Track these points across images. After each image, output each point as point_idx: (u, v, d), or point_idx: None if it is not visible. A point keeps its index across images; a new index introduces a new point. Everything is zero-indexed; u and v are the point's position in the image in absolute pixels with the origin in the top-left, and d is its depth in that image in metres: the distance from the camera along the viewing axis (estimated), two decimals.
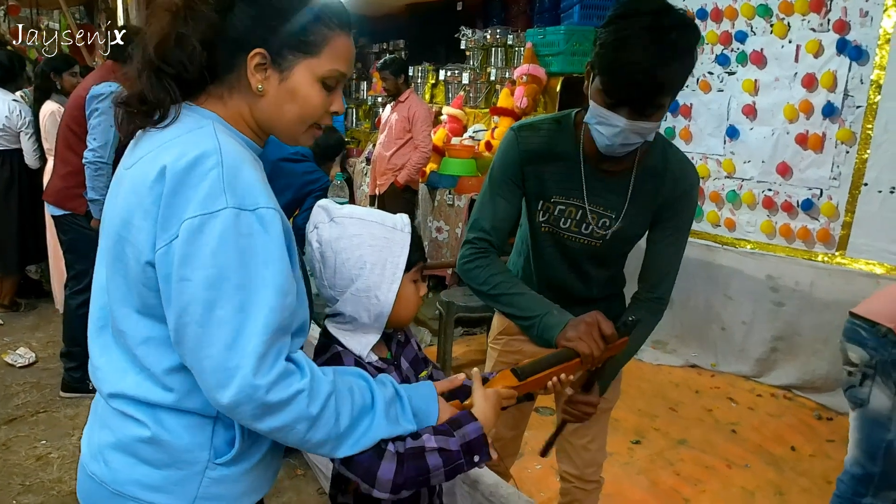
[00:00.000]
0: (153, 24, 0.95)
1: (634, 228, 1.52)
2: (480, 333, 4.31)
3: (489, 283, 1.50)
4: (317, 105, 1.00)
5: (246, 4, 0.95)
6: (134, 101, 0.96)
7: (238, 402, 0.85)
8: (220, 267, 0.84)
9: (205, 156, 0.87)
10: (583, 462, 1.74)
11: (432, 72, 6.11)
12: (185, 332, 0.86)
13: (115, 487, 0.96)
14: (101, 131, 2.95)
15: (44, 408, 3.19)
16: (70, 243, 3.22)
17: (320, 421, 0.90)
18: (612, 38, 1.27)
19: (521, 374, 1.17)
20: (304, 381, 0.89)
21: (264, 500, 1.11)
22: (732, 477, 2.78)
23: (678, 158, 1.51)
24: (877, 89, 3.22)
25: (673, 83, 1.27)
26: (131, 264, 0.91)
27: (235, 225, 0.85)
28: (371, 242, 1.07)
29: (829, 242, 3.47)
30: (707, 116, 3.97)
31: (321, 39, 0.97)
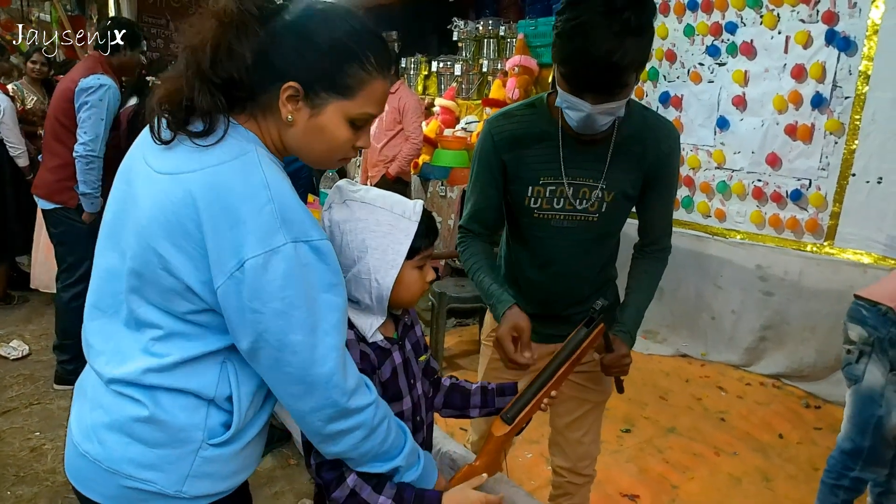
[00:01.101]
0: (201, 31, 0.94)
1: (626, 194, 1.54)
2: (472, 324, 4.34)
3: (467, 266, 1.62)
4: (343, 143, 1.02)
5: (291, 34, 0.95)
6: (178, 109, 0.94)
7: (321, 406, 0.95)
8: (288, 299, 0.89)
9: (256, 191, 0.90)
10: (576, 456, 1.75)
11: (424, 63, 6.10)
12: (260, 354, 0.93)
13: (109, 465, 0.98)
14: (91, 125, 2.93)
15: (37, 400, 3.20)
16: (61, 236, 3.21)
17: (375, 433, 1.02)
18: (567, 26, 1.28)
19: (510, 419, 1.28)
20: (374, 395, 1.02)
21: (251, 488, 1.14)
22: (720, 464, 2.82)
23: (656, 120, 1.53)
24: (865, 80, 3.24)
25: (633, 63, 1.28)
26: (165, 280, 0.93)
27: (296, 258, 0.90)
28: (374, 228, 1.10)
29: (818, 232, 3.50)
30: (697, 107, 3.99)
31: (358, 83, 0.98)
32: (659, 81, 4.21)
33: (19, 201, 4.12)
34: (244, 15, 0.93)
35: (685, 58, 4.04)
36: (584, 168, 1.49)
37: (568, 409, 1.73)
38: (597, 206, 1.52)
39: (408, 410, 1.20)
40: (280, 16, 0.96)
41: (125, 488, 0.98)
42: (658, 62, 4.19)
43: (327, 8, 0.99)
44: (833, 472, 2.15)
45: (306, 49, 0.95)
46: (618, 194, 1.52)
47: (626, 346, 1.54)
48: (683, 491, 2.61)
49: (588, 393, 1.71)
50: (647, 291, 1.64)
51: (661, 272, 1.68)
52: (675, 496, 2.58)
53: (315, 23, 0.96)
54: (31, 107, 4.59)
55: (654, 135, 1.50)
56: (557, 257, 1.59)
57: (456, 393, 1.37)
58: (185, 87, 0.94)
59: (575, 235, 1.55)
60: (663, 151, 1.51)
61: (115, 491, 0.99)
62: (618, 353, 1.51)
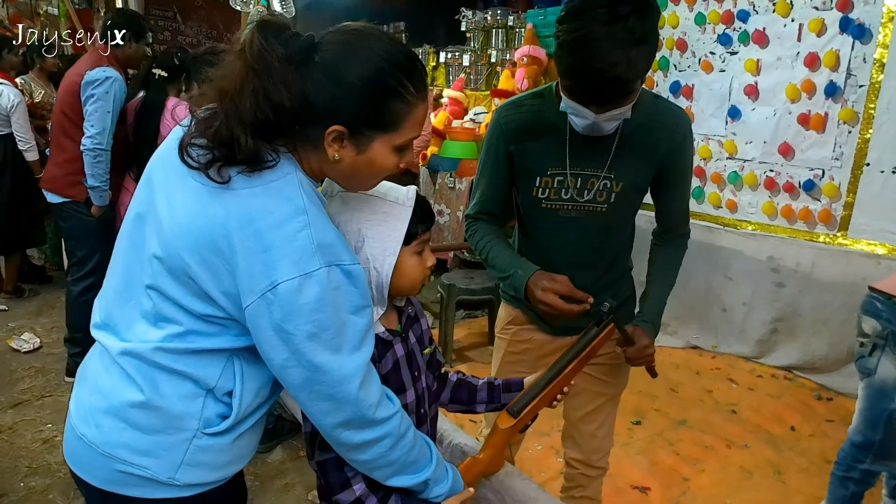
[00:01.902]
0: (230, 75, 0.93)
1: (637, 185, 1.52)
2: (482, 316, 4.33)
3: (477, 248, 1.62)
4: (390, 167, 1.04)
5: (326, 78, 0.93)
6: (219, 148, 0.93)
7: (348, 421, 0.98)
8: (319, 322, 0.91)
9: (294, 215, 0.91)
10: (590, 449, 1.75)
11: (432, 54, 6.06)
12: (289, 373, 0.95)
13: (104, 449, 1.00)
14: (98, 118, 2.92)
15: (49, 392, 3.22)
16: (70, 230, 3.22)
17: (402, 441, 1.05)
18: (570, 38, 1.24)
19: (516, 413, 1.29)
20: (397, 405, 1.05)
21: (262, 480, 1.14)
22: (731, 456, 2.80)
23: (667, 109, 1.51)
24: (879, 68, 3.20)
25: (637, 72, 1.25)
26: (188, 284, 0.95)
27: (329, 281, 0.91)
28: (370, 217, 1.10)
29: (831, 223, 3.46)
30: (709, 97, 3.94)
31: (402, 116, 0.99)
32: (669, 71, 4.16)
33: (30, 195, 4.14)
34: (270, 55, 0.91)
35: (696, 47, 4.00)
36: (589, 159, 1.48)
37: (582, 402, 1.72)
38: (605, 196, 1.50)
39: (412, 403, 1.19)
40: (312, 56, 0.94)
41: (119, 473, 1.00)
42: (669, 51, 4.15)
43: (357, 40, 0.96)
44: (843, 465, 2.14)
45: (345, 93, 0.93)
46: (627, 185, 1.50)
47: (647, 338, 1.53)
48: (694, 483, 2.60)
49: (603, 386, 1.70)
50: (667, 279, 1.64)
51: (681, 258, 1.68)
52: (685, 489, 2.57)
53: (348, 63, 0.94)
54: (40, 100, 4.61)
55: (666, 125, 1.48)
56: (567, 249, 1.57)
57: (462, 388, 1.37)
58: (223, 130, 0.93)
59: (583, 226, 1.54)
60: (677, 141, 1.49)
61: (109, 475, 1.01)
62: (639, 346, 1.51)
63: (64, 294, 3.43)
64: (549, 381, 1.33)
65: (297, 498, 2.40)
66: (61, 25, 6.87)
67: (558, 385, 1.33)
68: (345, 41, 0.96)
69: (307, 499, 2.43)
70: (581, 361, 1.36)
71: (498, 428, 1.27)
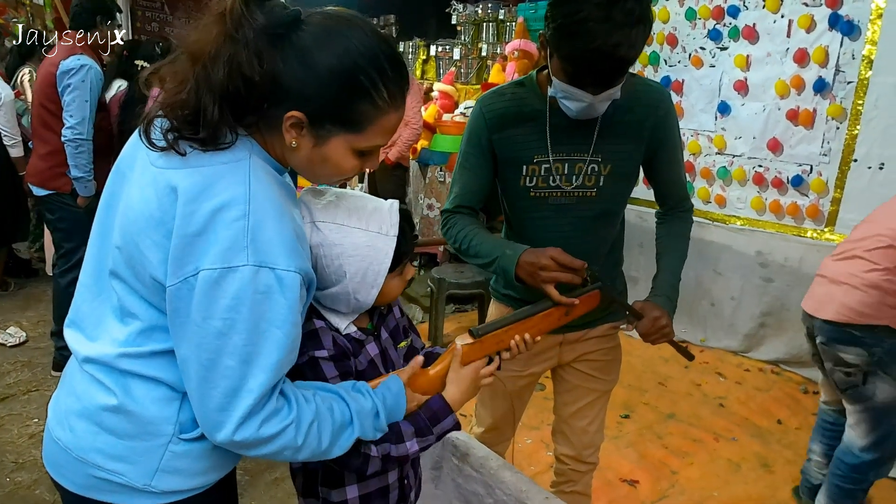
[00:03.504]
0: (205, 39, 0.88)
1: (625, 166, 1.51)
2: (472, 310, 4.33)
3: (458, 240, 1.55)
4: (348, 170, 0.99)
5: (299, 61, 0.88)
6: (183, 118, 0.89)
7: (230, 445, 0.91)
8: (232, 321, 0.85)
9: (232, 203, 0.86)
10: (581, 444, 1.74)
11: (423, 47, 6.05)
12: (189, 367, 0.89)
13: (79, 454, 0.97)
14: (76, 107, 2.90)
15: (35, 386, 3.19)
16: (58, 222, 3.19)
17: (305, 445, 0.95)
18: (569, 21, 1.23)
19: (477, 332, 1.21)
20: (292, 415, 0.93)
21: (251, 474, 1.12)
22: (719, 449, 2.83)
23: (645, 86, 1.50)
24: (868, 65, 3.21)
25: (638, 51, 1.26)
26: (144, 274, 0.91)
27: (253, 282, 0.85)
28: (352, 252, 1.05)
29: (819, 218, 3.48)
30: (699, 92, 3.95)
31: (367, 119, 0.94)
32: (660, 66, 4.17)
33: (17, 189, 4.08)
34: (249, 24, 0.86)
35: (686, 42, 4.00)
36: (573, 144, 1.47)
37: (574, 398, 1.73)
38: (594, 180, 1.49)
39: None
40: (291, 32, 0.89)
41: (94, 478, 0.97)
42: (659, 46, 4.15)
43: (341, 29, 0.91)
44: (850, 478, 2.14)
45: (313, 80, 0.89)
46: (615, 167, 1.49)
47: (658, 309, 1.48)
48: (683, 476, 2.62)
49: (594, 382, 1.70)
50: (677, 252, 1.63)
51: (688, 231, 1.67)
52: (674, 481, 2.59)
53: (325, 51, 0.89)
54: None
55: (646, 102, 1.47)
56: (559, 238, 1.53)
57: (431, 358, 1.30)
58: (192, 98, 0.89)
59: (575, 212, 1.52)
60: (660, 116, 1.49)
61: (84, 480, 0.98)
62: (649, 317, 1.47)
63: (49, 288, 3.40)
64: (520, 318, 1.29)
65: (286, 492, 2.39)
66: (47, 15, 6.78)
67: (526, 326, 1.28)
68: (327, 26, 0.91)
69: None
70: (556, 315, 1.32)
71: (455, 344, 1.22)
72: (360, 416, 1.02)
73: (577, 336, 1.66)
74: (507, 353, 1.27)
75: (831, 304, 2.06)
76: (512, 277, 1.41)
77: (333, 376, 1.10)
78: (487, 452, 1.47)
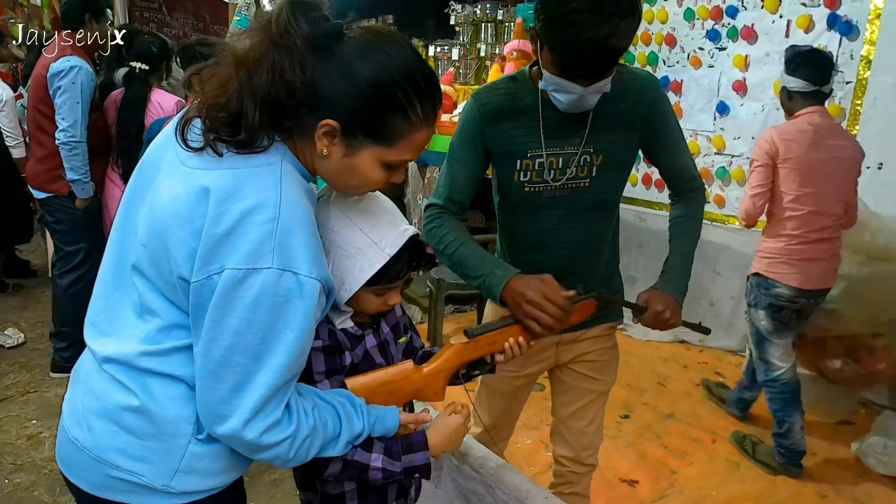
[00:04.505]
0: (250, 45, 0.91)
1: (618, 156, 1.51)
2: (471, 310, 4.33)
3: (443, 243, 1.51)
4: (376, 182, 1.01)
5: (338, 71, 0.91)
6: (223, 120, 0.91)
7: (229, 439, 0.93)
8: (250, 321, 0.87)
9: (263, 206, 0.88)
10: (580, 445, 1.74)
11: (421, 48, 6.04)
12: (201, 361, 0.91)
13: (97, 454, 0.97)
14: (67, 110, 2.88)
15: (34, 388, 3.19)
16: (57, 224, 3.18)
17: (294, 458, 0.98)
18: (559, 12, 1.24)
19: (471, 333, 1.23)
20: (291, 429, 0.95)
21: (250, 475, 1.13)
22: (718, 449, 2.83)
23: (632, 75, 1.49)
24: (866, 65, 3.22)
25: (628, 42, 1.26)
26: (169, 272, 0.92)
27: (275, 285, 0.87)
28: (342, 246, 1.07)
29: None
30: (697, 92, 3.96)
31: (399, 134, 0.96)
32: (658, 66, 4.17)
33: (18, 190, 4.08)
34: (295, 32, 0.89)
35: (685, 42, 4.01)
36: (565, 137, 1.47)
37: (571, 399, 1.72)
38: (586, 171, 1.49)
39: None
40: (333, 44, 0.92)
41: (112, 478, 0.97)
42: (658, 46, 4.15)
43: (381, 44, 0.94)
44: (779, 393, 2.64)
45: (351, 91, 0.91)
46: (608, 157, 1.49)
47: (661, 301, 1.48)
48: (682, 476, 2.62)
49: (592, 383, 1.70)
50: (688, 234, 1.62)
51: (698, 212, 1.65)
52: (673, 481, 2.59)
53: (365, 64, 0.92)
54: None
55: (635, 90, 1.47)
56: (554, 230, 1.54)
57: (427, 358, 1.33)
58: (233, 101, 0.91)
59: (568, 204, 1.52)
60: (650, 103, 1.48)
61: (101, 480, 0.98)
62: (652, 310, 1.47)
63: (48, 289, 3.40)
64: (515, 321, 1.32)
65: (285, 492, 2.39)
66: (44, 15, 6.78)
67: (521, 330, 1.30)
68: (369, 40, 0.94)
69: (296, 493, 2.42)
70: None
71: (449, 343, 1.23)
72: (347, 436, 1.04)
73: (573, 337, 1.66)
74: (501, 355, 1.28)
75: (832, 275, 2.59)
76: (496, 298, 1.40)
77: (320, 371, 1.11)
78: (486, 452, 1.47)
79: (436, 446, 1.15)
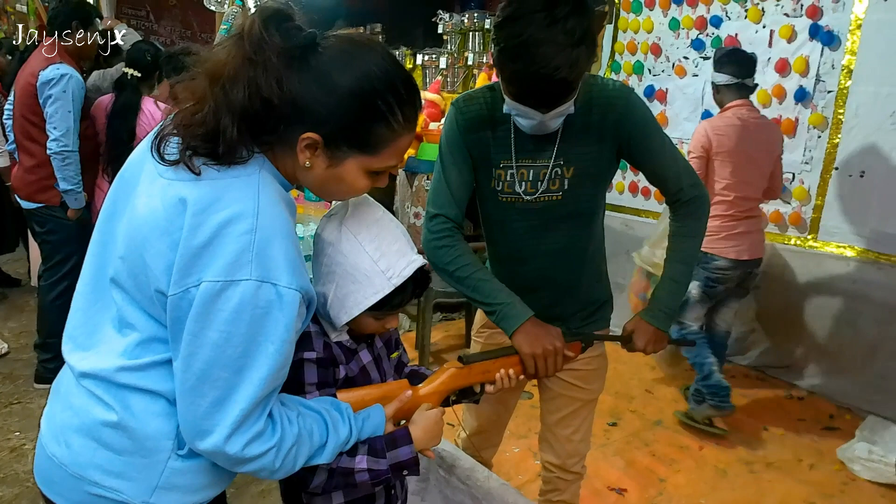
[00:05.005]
0: (225, 61, 0.90)
1: (590, 167, 1.49)
2: (459, 319, 4.33)
3: (455, 265, 1.51)
4: (360, 189, 1.01)
5: (316, 82, 0.90)
6: (200, 137, 0.90)
7: (211, 454, 0.92)
8: (229, 333, 0.86)
9: (241, 217, 0.86)
10: (565, 453, 1.73)
11: (409, 56, 6.05)
12: (181, 375, 0.89)
13: (75, 471, 0.95)
14: (59, 118, 2.84)
15: (17, 399, 3.14)
16: (46, 235, 3.12)
17: (281, 468, 0.96)
18: (511, 43, 1.25)
19: (466, 360, 1.25)
20: (275, 438, 0.93)
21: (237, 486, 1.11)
22: (706, 456, 2.84)
23: (600, 84, 1.46)
24: (848, 74, 3.27)
25: (581, 71, 1.27)
26: (142, 281, 0.91)
27: (254, 297, 0.85)
28: (350, 271, 1.06)
29: (801, 226, 3.52)
30: (682, 101, 3.99)
31: (383, 141, 0.95)
32: (644, 75, 4.21)
33: (4, 200, 4.03)
34: (269, 47, 0.88)
35: (670, 51, 4.05)
36: (536, 151, 1.47)
37: (557, 406, 1.72)
38: (558, 184, 1.49)
39: None
40: (308, 56, 0.91)
41: (91, 495, 0.95)
42: (643, 56, 4.19)
43: (358, 52, 0.93)
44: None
45: (331, 102, 0.90)
46: (578, 169, 1.48)
47: (644, 337, 1.53)
48: (670, 483, 2.63)
49: (577, 391, 1.70)
50: (678, 254, 1.56)
51: (694, 229, 1.55)
52: (661, 489, 2.59)
53: (342, 73, 0.90)
54: None
55: (603, 101, 1.44)
56: (531, 240, 1.55)
57: (415, 378, 1.33)
58: (210, 118, 0.89)
59: (542, 215, 1.52)
60: (620, 111, 1.44)
61: (80, 497, 0.96)
62: (636, 345, 1.53)
63: (32, 298, 3.36)
64: (510, 353, 1.35)
65: (273, 503, 2.38)
66: (31, 22, 6.73)
67: (513, 361, 1.34)
68: (344, 49, 0.93)
69: None
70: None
71: (444, 368, 1.24)
72: (334, 443, 1.03)
73: None
74: (492, 386, 1.30)
75: (761, 246, 3.01)
76: (508, 331, 1.42)
77: (312, 382, 1.10)
78: (473, 464, 1.47)
79: (419, 440, 1.13)
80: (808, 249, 3.48)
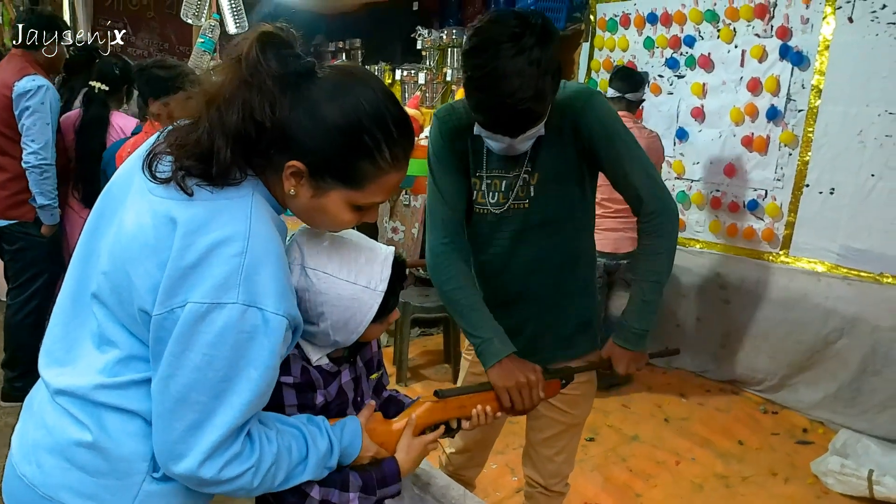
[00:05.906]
0: (221, 83, 0.90)
1: (553, 172, 1.47)
2: (437, 334, 4.31)
3: (448, 286, 1.52)
4: (347, 223, 1.01)
5: (307, 113, 0.90)
6: (194, 157, 0.89)
7: (185, 479, 0.90)
8: (211, 357, 0.85)
9: (231, 239, 0.86)
10: (547, 472, 1.73)
11: (388, 71, 6.07)
12: (160, 396, 0.88)
13: (45, 492, 0.93)
14: (37, 131, 2.78)
15: None
16: (16, 253, 3.03)
17: (259, 486, 0.94)
18: (477, 74, 1.26)
19: (441, 395, 1.24)
20: (253, 458, 0.92)
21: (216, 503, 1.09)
22: (682, 471, 2.85)
23: (563, 90, 1.42)
24: (817, 94, 3.34)
25: (547, 100, 1.29)
26: (125, 298, 0.90)
27: (239, 321, 0.85)
28: (336, 303, 1.05)
29: (774, 242, 3.58)
30: (657, 118, 4.05)
31: (368, 177, 0.95)
32: None
33: None
34: (265, 70, 0.88)
35: (645, 69, 4.11)
36: (509, 163, 1.49)
37: (541, 426, 1.72)
38: (525, 192, 1.49)
39: None
40: (303, 85, 0.91)
41: None
42: None
43: (351, 85, 0.93)
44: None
45: (317, 133, 0.90)
46: (544, 176, 1.47)
47: (621, 364, 1.51)
48: (647, 498, 2.63)
49: (560, 414, 1.68)
50: (646, 275, 1.47)
51: (662, 247, 1.46)
52: None
53: (333, 106, 0.90)
54: None
55: (562, 103, 1.43)
56: (507, 250, 1.55)
57: (392, 405, 1.34)
58: (204, 139, 0.89)
59: (513, 225, 1.53)
60: (578, 110, 1.42)
61: None
62: (618, 371, 1.52)
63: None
64: (487, 389, 1.35)
65: None
66: (6, 33, 6.64)
67: (490, 397, 1.33)
68: (338, 81, 0.93)
69: None
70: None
71: (420, 401, 1.24)
72: (315, 456, 1.02)
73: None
74: (468, 422, 1.29)
75: (629, 243, 3.30)
76: (486, 365, 1.43)
77: (292, 405, 1.09)
78: (448, 481, 1.46)
79: (406, 470, 1.15)
80: (781, 265, 3.54)
